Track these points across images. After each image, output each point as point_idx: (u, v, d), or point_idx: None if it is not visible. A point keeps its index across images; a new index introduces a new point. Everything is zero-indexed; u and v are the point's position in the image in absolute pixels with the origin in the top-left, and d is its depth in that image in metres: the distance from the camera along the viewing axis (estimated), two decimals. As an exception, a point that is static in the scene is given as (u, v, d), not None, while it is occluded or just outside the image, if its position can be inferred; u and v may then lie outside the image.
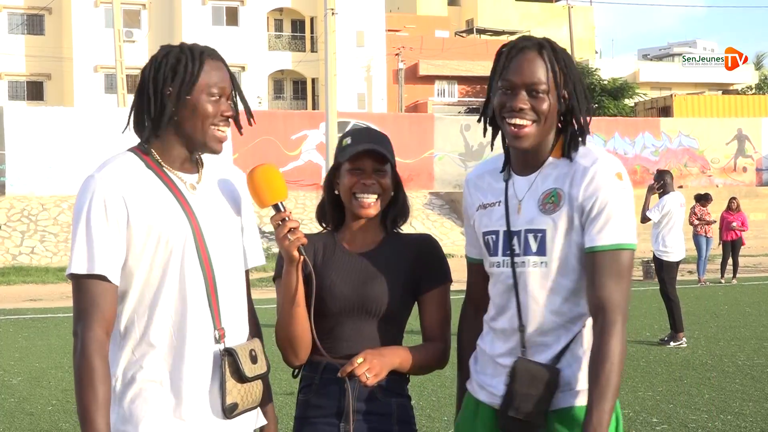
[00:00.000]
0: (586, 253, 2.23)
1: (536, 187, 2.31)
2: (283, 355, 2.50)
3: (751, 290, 15.87)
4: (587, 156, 2.28)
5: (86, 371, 2.09)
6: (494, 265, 2.37)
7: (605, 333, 2.16)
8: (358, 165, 2.46)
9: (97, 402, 2.08)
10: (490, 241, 2.38)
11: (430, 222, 25.54)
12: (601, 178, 2.21)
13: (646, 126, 33.34)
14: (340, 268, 2.50)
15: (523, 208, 2.31)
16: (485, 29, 52.97)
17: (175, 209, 2.23)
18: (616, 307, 2.18)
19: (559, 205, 2.26)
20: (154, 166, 2.26)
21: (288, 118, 29.64)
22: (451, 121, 31.43)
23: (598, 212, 2.21)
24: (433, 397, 7.07)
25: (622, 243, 2.20)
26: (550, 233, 2.26)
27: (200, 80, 2.24)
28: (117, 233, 2.16)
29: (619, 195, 2.21)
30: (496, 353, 2.36)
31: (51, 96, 42.37)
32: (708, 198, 17.20)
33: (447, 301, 2.57)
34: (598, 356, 2.16)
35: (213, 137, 2.26)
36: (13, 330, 11.84)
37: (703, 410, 6.67)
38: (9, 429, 6.49)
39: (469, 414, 2.44)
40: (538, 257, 2.27)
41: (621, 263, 2.20)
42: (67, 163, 24.41)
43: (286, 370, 2.56)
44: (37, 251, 22.16)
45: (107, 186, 2.17)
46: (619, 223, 2.20)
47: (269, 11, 44.97)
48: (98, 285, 2.14)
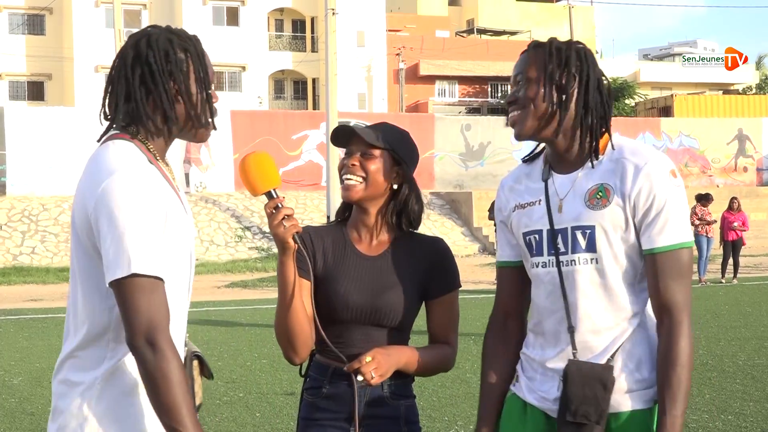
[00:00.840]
0: (645, 254, 2.21)
1: (580, 183, 2.28)
2: (283, 351, 2.45)
3: (752, 290, 15.87)
4: (638, 154, 2.24)
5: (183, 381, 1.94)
6: (538, 265, 2.32)
7: (673, 334, 2.16)
8: (348, 148, 2.47)
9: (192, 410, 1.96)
10: (532, 241, 2.33)
11: (430, 222, 25.53)
12: (657, 178, 2.19)
13: (647, 126, 33.34)
14: (352, 274, 2.46)
15: (566, 205, 2.27)
16: (486, 29, 52.99)
17: (180, 208, 2.13)
18: (682, 308, 2.18)
19: (609, 200, 2.22)
20: (154, 161, 2.11)
21: (288, 118, 29.64)
22: (451, 121, 31.44)
23: (656, 213, 2.18)
24: (433, 397, 7.08)
25: (682, 242, 2.19)
26: (599, 229, 2.22)
27: (206, 75, 2.15)
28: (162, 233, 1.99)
29: (676, 194, 2.19)
30: (546, 358, 2.31)
31: (52, 96, 42.38)
32: (709, 198, 17.19)
33: (456, 305, 2.54)
34: (668, 358, 2.15)
35: (207, 128, 2.18)
36: (13, 330, 11.85)
37: (704, 410, 6.67)
38: (10, 429, 6.49)
39: (517, 415, 2.37)
40: (588, 254, 2.23)
41: (682, 262, 2.20)
42: (67, 164, 24.40)
43: (286, 370, 2.56)
44: (38, 251, 22.17)
45: (149, 180, 1.99)
46: (677, 223, 2.19)
47: (270, 11, 44.98)
48: (160, 286, 1.96)
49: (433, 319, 2.54)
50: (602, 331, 2.24)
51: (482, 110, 47.28)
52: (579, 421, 2.21)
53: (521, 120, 2.28)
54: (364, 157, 2.44)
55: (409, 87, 47.01)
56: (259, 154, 2.34)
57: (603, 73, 2.35)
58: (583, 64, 2.29)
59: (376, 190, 2.45)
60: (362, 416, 2.43)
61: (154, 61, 2.08)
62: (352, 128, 2.46)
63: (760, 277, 18.41)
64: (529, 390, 2.36)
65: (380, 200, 2.48)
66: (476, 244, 24.77)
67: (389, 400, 2.45)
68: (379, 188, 2.46)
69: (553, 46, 2.30)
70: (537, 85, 2.26)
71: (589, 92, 2.29)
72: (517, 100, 2.29)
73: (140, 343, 1.92)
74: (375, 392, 2.43)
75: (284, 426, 6.35)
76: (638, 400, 2.23)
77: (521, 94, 2.29)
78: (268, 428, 6.28)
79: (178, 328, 2.12)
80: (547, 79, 2.26)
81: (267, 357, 9.01)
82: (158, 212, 1.98)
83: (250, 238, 23.63)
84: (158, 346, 1.91)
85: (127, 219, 1.93)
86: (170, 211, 2.03)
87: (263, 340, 10.22)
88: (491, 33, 52.91)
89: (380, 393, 2.44)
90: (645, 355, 2.24)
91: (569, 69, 2.28)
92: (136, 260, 1.91)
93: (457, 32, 54.05)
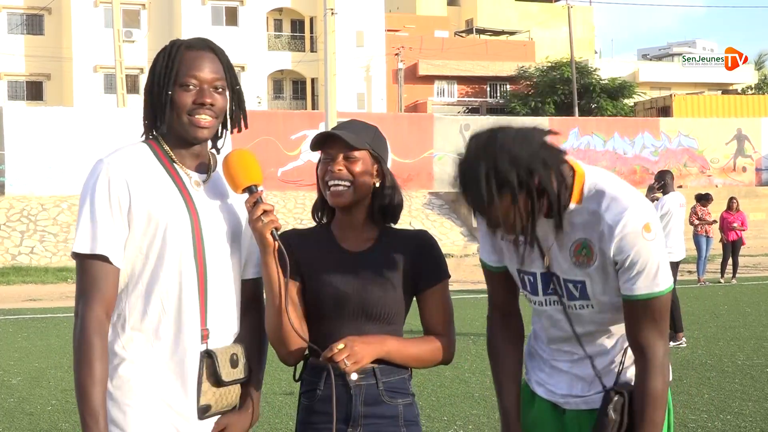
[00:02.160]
0: (622, 299, 2.29)
1: (563, 236, 2.30)
2: (277, 352, 2.45)
3: (751, 290, 15.87)
4: (611, 209, 2.22)
5: (85, 349, 2.12)
6: (536, 303, 2.44)
7: (647, 372, 2.28)
8: (327, 152, 2.45)
9: (93, 378, 2.11)
10: (527, 280, 2.41)
11: (429, 222, 25.53)
12: (630, 237, 2.21)
13: (646, 126, 33.34)
14: (338, 269, 2.45)
15: (554, 256, 2.33)
16: (485, 29, 52.98)
17: (177, 202, 2.24)
18: (655, 348, 2.28)
19: (593, 258, 2.28)
20: (164, 159, 2.28)
21: (287, 118, 29.64)
22: (450, 120, 31.43)
23: (630, 266, 2.24)
24: (433, 397, 7.06)
25: (655, 292, 2.26)
26: (589, 283, 2.31)
27: (175, 74, 2.25)
28: (119, 216, 2.19)
29: (649, 248, 2.23)
30: (555, 359, 2.47)
31: (50, 96, 42.36)
32: (708, 198, 17.19)
33: (447, 296, 2.53)
34: (643, 396, 2.28)
35: (191, 124, 2.26)
36: (12, 330, 11.83)
37: (703, 410, 6.68)
38: (9, 429, 6.49)
39: (526, 402, 2.51)
40: (582, 301, 2.35)
41: (655, 309, 2.28)
42: (66, 163, 24.39)
43: (286, 370, 2.55)
44: (37, 251, 22.15)
45: (113, 170, 2.20)
46: (651, 274, 2.24)
47: (269, 11, 44.96)
48: (100, 266, 2.17)
49: (426, 312, 2.53)
50: (610, 351, 2.42)
51: (481, 110, 47.27)
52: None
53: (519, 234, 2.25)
54: (347, 161, 2.42)
55: (408, 87, 47.01)
56: (242, 150, 2.38)
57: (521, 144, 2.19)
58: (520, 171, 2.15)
59: (363, 192, 2.45)
60: (358, 416, 2.41)
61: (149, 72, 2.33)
62: (332, 132, 2.44)
63: (759, 277, 18.41)
64: (537, 383, 2.49)
65: (365, 200, 2.48)
66: (475, 244, 24.73)
67: (386, 399, 2.43)
68: (366, 189, 2.46)
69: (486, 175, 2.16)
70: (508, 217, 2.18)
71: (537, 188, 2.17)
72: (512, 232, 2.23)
73: (74, 313, 2.20)
74: (370, 391, 2.41)
75: (283, 426, 6.35)
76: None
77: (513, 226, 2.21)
78: (267, 428, 6.27)
79: (155, 315, 2.21)
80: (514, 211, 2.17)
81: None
82: (108, 197, 2.18)
83: (249, 238, 23.65)
84: (79, 317, 2.17)
85: (80, 202, 2.23)
86: (143, 202, 2.20)
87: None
88: (490, 33, 52.90)
89: (375, 391, 2.42)
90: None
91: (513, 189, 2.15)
92: (78, 240, 2.19)
93: (456, 32, 54.04)
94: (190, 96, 2.24)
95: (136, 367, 2.21)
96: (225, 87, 2.31)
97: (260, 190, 2.33)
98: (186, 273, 2.22)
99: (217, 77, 2.28)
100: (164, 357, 2.22)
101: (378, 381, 2.43)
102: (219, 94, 2.29)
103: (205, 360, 2.24)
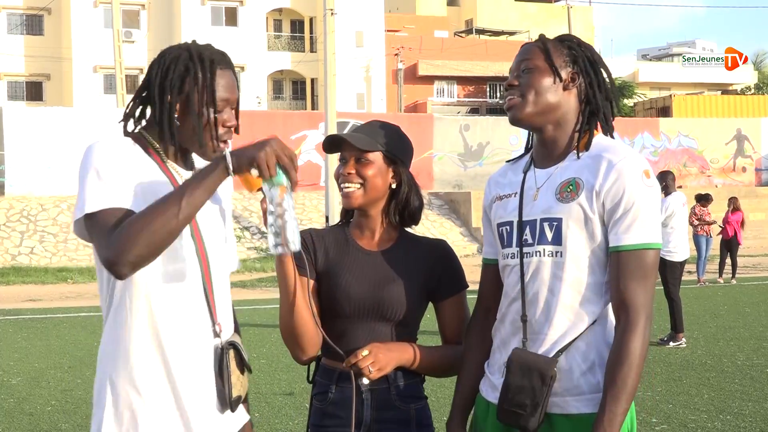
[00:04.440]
0: (610, 252, 2.20)
1: (555, 177, 2.28)
2: (291, 351, 2.44)
3: (751, 290, 15.88)
4: (613, 151, 2.24)
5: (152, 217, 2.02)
6: (507, 256, 2.33)
7: (627, 332, 2.13)
8: (341, 155, 2.47)
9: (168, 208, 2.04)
10: (504, 232, 2.35)
11: (429, 222, 25.53)
12: (629, 176, 2.17)
13: (646, 126, 33.35)
14: (354, 267, 2.45)
15: (540, 196, 2.28)
16: (484, 29, 53.00)
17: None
18: (639, 308, 2.15)
19: (578, 194, 2.21)
20: (155, 155, 2.24)
21: (287, 118, 29.64)
22: (450, 121, 31.44)
23: (624, 210, 2.17)
24: (432, 397, 7.04)
25: (648, 242, 2.18)
26: (566, 222, 2.22)
27: (213, 94, 2.21)
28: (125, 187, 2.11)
29: (647, 194, 2.18)
30: (503, 347, 2.33)
31: (50, 96, 42.36)
32: (708, 198, 17.19)
33: (465, 306, 2.55)
34: (618, 356, 2.13)
35: (211, 149, 2.23)
36: (12, 330, 11.83)
37: (703, 410, 6.68)
38: (8, 429, 6.49)
39: (481, 413, 2.39)
40: (552, 247, 2.23)
41: (646, 263, 2.18)
42: (66, 164, 24.37)
43: (285, 370, 2.55)
44: (37, 251, 22.14)
45: (113, 150, 2.15)
46: (645, 223, 2.17)
47: (268, 11, 44.98)
48: (120, 211, 2.06)
49: (444, 320, 2.54)
50: (555, 325, 2.22)
51: (481, 110, 47.30)
52: (513, 410, 2.21)
53: (519, 106, 2.30)
54: (359, 164, 2.43)
55: (407, 87, 47.03)
56: None
57: (610, 73, 2.37)
58: (591, 61, 2.33)
59: (375, 194, 2.45)
60: (369, 421, 2.40)
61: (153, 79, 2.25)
62: (339, 136, 2.44)
63: (759, 278, 18.41)
64: (489, 386, 2.36)
65: (381, 202, 2.48)
66: (475, 244, 24.75)
67: (398, 403, 2.42)
68: (378, 191, 2.46)
69: (564, 41, 2.34)
70: (543, 74, 2.28)
71: (593, 90, 2.31)
72: (520, 84, 2.31)
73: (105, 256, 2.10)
74: (382, 395, 2.41)
75: (283, 426, 6.35)
76: (588, 404, 2.20)
77: (524, 80, 2.30)
78: (266, 428, 6.27)
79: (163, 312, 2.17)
80: (554, 71, 2.28)
81: (266, 357, 8.96)
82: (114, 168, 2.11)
83: (249, 239, 23.62)
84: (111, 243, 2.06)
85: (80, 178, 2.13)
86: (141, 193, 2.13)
87: (262, 340, 10.18)
88: (490, 33, 52.92)
89: (387, 396, 2.41)
90: (600, 359, 2.21)
91: (578, 64, 2.31)
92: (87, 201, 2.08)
93: (456, 32, 54.06)
94: (220, 119, 2.23)
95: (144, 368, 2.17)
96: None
97: None
98: (189, 271, 2.21)
99: (235, 97, 2.28)
100: (175, 356, 2.19)
101: (390, 385, 2.42)
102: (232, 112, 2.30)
103: (231, 351, 2.25)
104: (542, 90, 2.28)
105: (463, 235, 25.38)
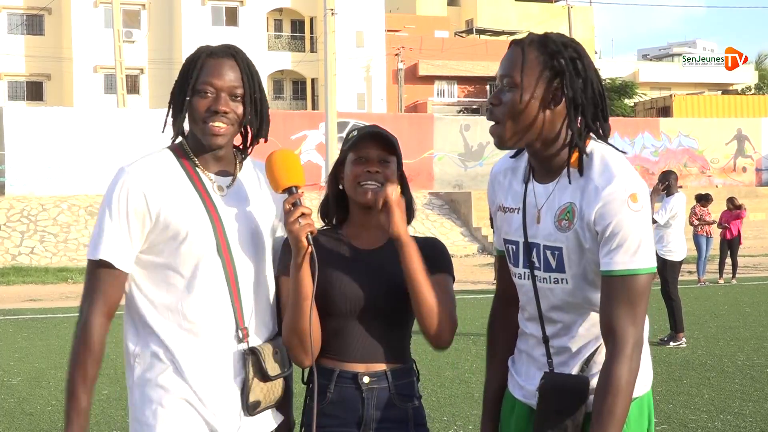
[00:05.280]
0: (602, 275, 2.16)
1: (553, 198, 2.24)
2: (293, 354, 2.41)
3: (751, 290, 15.87)
4: (602, 173, 2.17)
5: (82, 350, 2.22)
6: (516, 275, 2.35)
7: (612, 360, 2.11)
8: (363, 154, 2.42)
9: (86, 380, 2.21)
10: (510, 250, 2.35)
11: (429, 222, 25.52)
12: (614, 203, 2.11)
13: (646, 126, 33.35)
14: (349, 266, 2.45)
15: (542, 219, 2.26)
16: (485, 29, 52.97)
17: (198, 209, 2.28)
18: (627, 335, 2.11)
19: (573, 223, 2.18)
20: (188, 166, 2.33)
21: (288, 118, 29.63)
22: (450, 121, 31.44)
23: (610, 236, 2.12)
24: (432, 397, 7.07)
25: (636, 268, 2.12)
26: (566, 252, 2.20)
27: (194, 80, 2.29)
28: (134, 225, 2.25)
29: (633, 219, 2.11)
30: (531, 351, 2.36)
31: (51, 96, 42.36)
32: (709, 198, 17.19)
33: (450, 289, 2.48)
34: (604, 385, 2.10)
35: (205, 132, 2.30)
36: (12, 330, 11.83)
37: (703, 410, 6.68)
38: (8, 429, 6.49)
39: (507, 410, 2.42)
40: (557, 274, 2.23)
41: (635, 289, 2.12)
42: (66, 164, 24.40)
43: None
44: (37, 251, 22.15)
45: (131, 181, 2.25)
46: (633, 248, 2.11)
47: (269, 11, 44.97)
48: (105, 270, 2.25)
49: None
50: (574, 341, 2.26)
51: (481, 110, 47.26)
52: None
53: (500, 133, 2.23)
54: (382, 165, 2.43)
55: (408, 87, 47.01)
56: (286, 151, 2.40)
57: (599, 75, 2.26)
58: (577, 65, 2.19)
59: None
60: (370, 420, 2.41)
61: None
62: (380, 134, 2.42)
63: (759, 278, 18.40)
64: (516, 386, 2.39)
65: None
66: (475, 245, 24.75)
67: (397, 402, 2.43)
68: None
69: (545, 46, 2.20)
70: (523, 94, 2.17)
71: (581, 99, 2.20)
72: (501, 104, 2.21)
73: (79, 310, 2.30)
74: (382, 394, 2.41)
75: (283, 426, 6.34)
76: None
77: (504, 100, 2.20)
78: (267, 428, 6.27)
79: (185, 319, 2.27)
80: (534, 86, 2.17)
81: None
82: (126, 206, 2.24)
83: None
84: (83, 315, 2.26)
85: (99, 210, 2.32)
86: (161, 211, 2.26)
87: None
88: (490, 33, 52.88)
89: (387, 395, 2.42)
90: None
91: (562, 76, 2.18)
92: (89, 246, 2.30)
93: (456, 32, 54.04)
94: (205, 103, 2.28)
95: (167, 372, 2.27)
96: (244, 95, 2.32)
97: (300, 192, 2.32)
98: (213, 278, 2.27)
99: (235, 85, 2.30)
100: (197, 361, 2.27)
101: (390, 384, 2.42)
102: (237, 101, 2.31)
103: (250, 357, 2.30)
104: (520, 114, 2.18)
105: (463, 235, 25.37)
